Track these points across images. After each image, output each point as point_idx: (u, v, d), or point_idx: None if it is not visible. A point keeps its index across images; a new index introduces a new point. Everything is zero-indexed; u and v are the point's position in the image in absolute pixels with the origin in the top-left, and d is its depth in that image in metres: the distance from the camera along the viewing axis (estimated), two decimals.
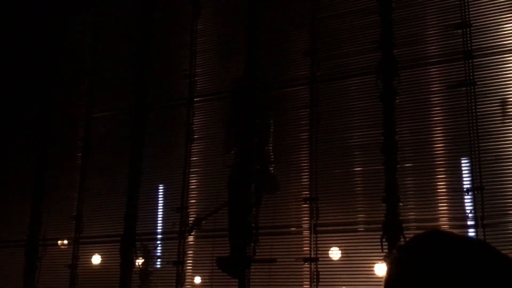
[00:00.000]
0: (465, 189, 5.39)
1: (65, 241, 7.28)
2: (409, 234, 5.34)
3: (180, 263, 6.47)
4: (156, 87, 7.28)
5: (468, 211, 5.32)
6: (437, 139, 5.66)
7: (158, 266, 6.77)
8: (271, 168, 6.33)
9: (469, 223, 5.29)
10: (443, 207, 5.49)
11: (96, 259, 7.09)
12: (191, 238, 6.64)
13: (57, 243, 7.38)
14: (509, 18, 5.55)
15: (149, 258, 6.68)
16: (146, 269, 6.60)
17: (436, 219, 5.49)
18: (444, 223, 5.44)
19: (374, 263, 5.50)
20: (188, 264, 6.54)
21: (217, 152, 6.66)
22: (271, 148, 6.45)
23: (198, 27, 7.19)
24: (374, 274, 5.52)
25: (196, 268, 6.53)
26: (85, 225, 7.23)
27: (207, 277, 6.37)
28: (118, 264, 6.72)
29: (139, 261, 6.65)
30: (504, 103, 5.39)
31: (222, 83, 6.86)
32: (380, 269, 5.43)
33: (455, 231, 4.55)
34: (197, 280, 6.47)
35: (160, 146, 7.11)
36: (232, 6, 7.07)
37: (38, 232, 7.50)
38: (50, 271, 7.35)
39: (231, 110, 6.64)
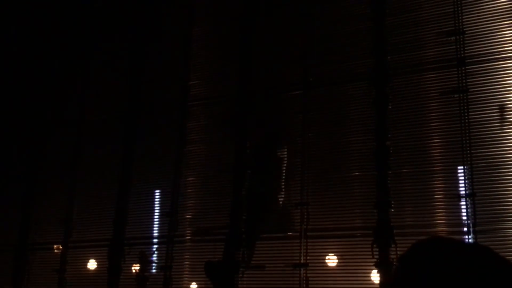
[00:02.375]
0: (457, 196, 5.37)
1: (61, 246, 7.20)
2: (402, 240, 5.31)
3: (168, 268, 6.40)
4: (149, 92, 7.25)
5: (459, 218, 5.31)
6: (431, 146, 5.66)
7: (154, 271, 6.68)
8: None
9: (460, 229, 5.28)
10: (436, 213, 5.48)
11: (86, 264, 7.01)
12: (189, 243, 6.58)
13: (45, 248, 7.30)
14: (501, 26, 5.58)
15: (146, 263, 6.58)
16: (143, 274, 6.49)
17: (429, 226, 5.47)
18: (436, 230, 5.43)
19: (366, 269, 5.47)
20: (185, 270, 6.46)
21: (211, 157, 6.63)
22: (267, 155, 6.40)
23: (193, 33, 7.19)
24: (366, 279, 5.48)
25: (194, 273, 6.42)
26: (76, 230, 7.16)
27: (203, 283, 6.28)
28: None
29: (136, 267, 6.54)
30: (501, 109, 5.39)
31: (216, 88, 6.85)
32: (374, 275, 5.39)
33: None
34: (194, 286, 6.38)
35: (153, 150, 7.06)
36: (227, 13, 7.08)
37: (27, 236, 7.42)
38: (39, 275, 7.26)
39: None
